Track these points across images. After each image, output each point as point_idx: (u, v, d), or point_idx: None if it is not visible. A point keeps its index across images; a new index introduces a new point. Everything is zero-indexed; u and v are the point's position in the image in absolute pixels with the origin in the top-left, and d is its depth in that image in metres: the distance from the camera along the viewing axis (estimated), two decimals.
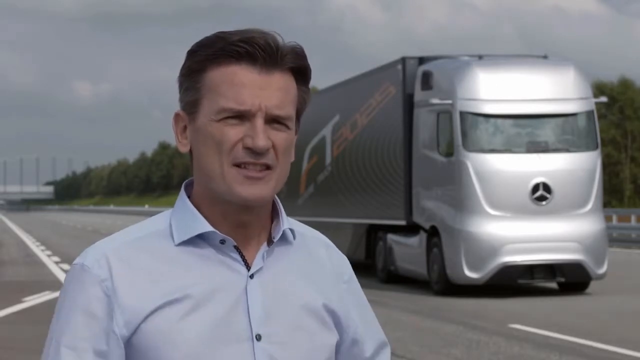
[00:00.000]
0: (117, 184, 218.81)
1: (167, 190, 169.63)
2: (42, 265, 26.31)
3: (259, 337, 1.87)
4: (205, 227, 1.89)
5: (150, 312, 1.84)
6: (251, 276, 1.90)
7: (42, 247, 35.55)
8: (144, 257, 1.89)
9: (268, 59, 1.86)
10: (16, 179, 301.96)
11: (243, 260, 1.91)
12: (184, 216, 1.92)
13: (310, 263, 1.99)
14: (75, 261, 1.92)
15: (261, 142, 1.84)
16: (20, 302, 16.71)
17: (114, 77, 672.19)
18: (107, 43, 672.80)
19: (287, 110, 1.88)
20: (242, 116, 1.85)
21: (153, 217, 1.97)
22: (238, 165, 1.85)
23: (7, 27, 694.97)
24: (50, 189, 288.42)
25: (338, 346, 2.01)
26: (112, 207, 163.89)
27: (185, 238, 1.89)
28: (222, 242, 1.90)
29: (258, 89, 1.85)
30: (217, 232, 1.89)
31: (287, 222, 1.96)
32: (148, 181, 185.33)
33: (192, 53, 1.91)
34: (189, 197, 1.95)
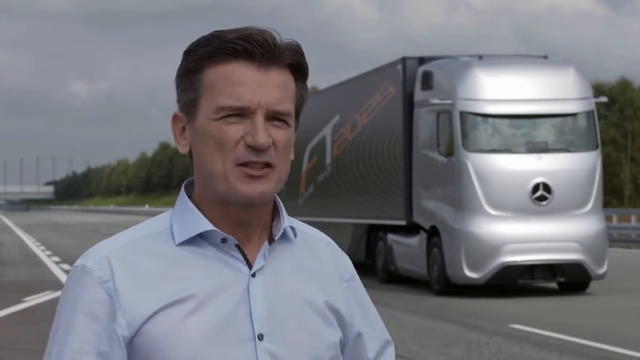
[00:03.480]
0: (117, 184, 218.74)
1: (167, 190, 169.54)
2: (42, 265, 26.29)
3: (261, 337, 1.86)
4: (206, 225, 1.88)
5: (153, 314, 1.83)
6: (253, 275, 1.89)
7: (42, 247, 35.51)
8: (145, 258, 1.87)
9: (266, 55, 1.85)
10: (16, 179, 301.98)
11: (245, 259, 1.89)
12: (184, 216, 1.90)
13: (312, 261, 1.98)
14: (76, 263, 1.91)
15: (262, 139, 1.83)
16: (20, 302, 16.69)
17: (115, 76, 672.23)
18: (106, 42, 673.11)
19: (287, 106, 1.87)
20: (241, 114, 1.84)
21: (153, 218, 1.95)
22: (241, 165, 1.84)
23: (6, 27, 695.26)
24: (50, 189, 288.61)
25: (342, 345, 2.00)
26: (112, 207, 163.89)
27: (186, 238, 1.88)
28: (224, 241, 1.88)
29: (257, 85, 1.84)
30: (218, 230, 1.88)
31: (287, 221, 1.94)
32: (148, 181, 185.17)
33: (188, 53, 1.89)
34: (189, 197, 1.94)
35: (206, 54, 1.86)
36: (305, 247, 1.98)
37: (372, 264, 20.76)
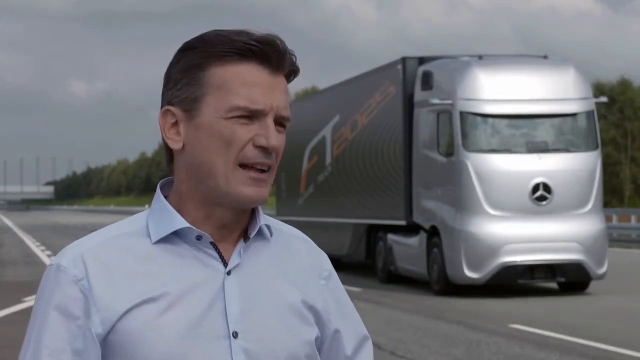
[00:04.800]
0: (117, 184, 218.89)
1: None
2: (42, 265, 26.28)
3: (235, 334, 1.86)
4: (181, 223, 1.88)
5: (126, 311, 1.84)
6: (228, 273, 1.89)
7: (42, 247, 35.54)
8: (120, 256, 1.88)
9: (280, 60, 1.88)
10: (16, 179, 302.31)
11: (220, 257, 1.90)
12: (161, 215, 1.91)
13: (288, 259, 1.98)
14: (51, 262, 1.91)
15: (274, 140, 1.85)
16: (20, 302, 16.70)
17: (115, 76, 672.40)
18: (106, 42, 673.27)
19: (288, 112, 1.90)
20: (252, 116, 1.86)
21: (130, 217, 1.96)
22: (244, 166, 1.85)
23: (5, 27, 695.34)
24: (50, 189, 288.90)
25: (320, 343, 2.00)
26: (112, 207, 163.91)
27: (162, 236, 1.89)
28: (199, 238, 1.89)
29: (269, 89, 1.86)
30: (193, 228, 1.88)
31: (263, 219, 1.95)
32: (148, 181, 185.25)
33: (191, 49, 1.89)
34: (166, 197, 1.94)
35: (215, 52, 1.87)
36: (282, 245, 1.99)
37: (372, 264, 20.76)
